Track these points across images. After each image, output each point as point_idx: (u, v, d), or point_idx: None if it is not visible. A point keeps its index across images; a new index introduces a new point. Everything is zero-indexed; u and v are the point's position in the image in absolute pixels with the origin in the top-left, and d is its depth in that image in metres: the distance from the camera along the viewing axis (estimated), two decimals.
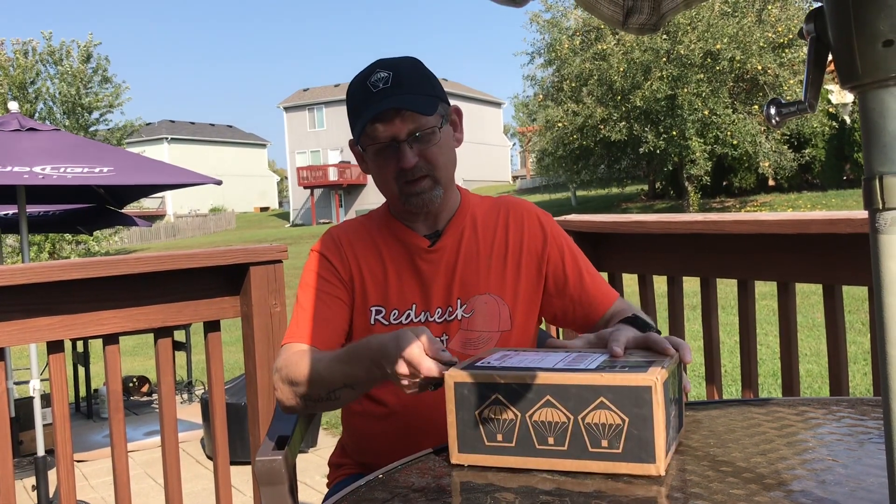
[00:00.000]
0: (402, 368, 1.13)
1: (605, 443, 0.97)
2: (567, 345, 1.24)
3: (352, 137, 1.48)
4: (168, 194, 45.77)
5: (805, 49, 0.79)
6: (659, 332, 1.22)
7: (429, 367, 1.10)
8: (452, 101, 1.46)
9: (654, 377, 0.95)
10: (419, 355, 1.11)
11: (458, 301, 1.47)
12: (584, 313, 1.52)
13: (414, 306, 1.47)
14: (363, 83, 1.42)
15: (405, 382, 1.15)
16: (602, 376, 0.97)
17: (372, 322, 1.47)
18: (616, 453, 0.97)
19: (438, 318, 1.46)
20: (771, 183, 23.77)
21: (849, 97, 19.82)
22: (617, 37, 21.34)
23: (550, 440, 0.99)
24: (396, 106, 1.38)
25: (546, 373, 1.01)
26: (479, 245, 1.50)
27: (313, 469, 4.13)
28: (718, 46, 20.17)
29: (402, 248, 1.50)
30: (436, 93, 1.45)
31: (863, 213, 1.00)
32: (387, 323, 1.46)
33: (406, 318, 1.46)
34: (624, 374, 0.97)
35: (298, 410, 1.40)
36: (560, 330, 2.44)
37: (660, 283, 2.39)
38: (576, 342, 1.25)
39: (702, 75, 20.62)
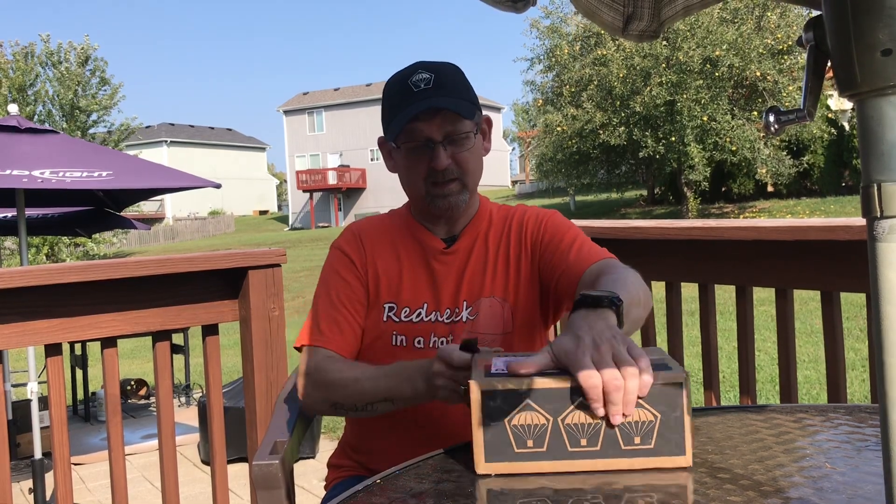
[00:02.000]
0: (438, 366, 1.22)
1: (637, 440, 0.98)
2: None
3: (381, 135, 1.50)
4: (167, 197, 45.82)
5: (804, 56, 0.80)
6: (620, 302, 1.11)
7: (460, 359, 1.18)
8: None
9: (683, 373, 0.98)
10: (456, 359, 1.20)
11: (464, 303, 1.49)
12: (567, 283, 1.41)
13: (425, 305, 1.49)
14: (404, 82, 1.43)
15: (442, 393, 1.23)
16: None
17: (384, 319, 1.49)
18: (648, 449, 0.98)
19: (446, 318, 1.48)
20: (770, 189, 23.80)
21: (848, 104, 19.80)
22: (617, 43, 21.39)
23: (583, 442, 0.99)
24: (439, 106, 1.40)
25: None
26: (489, 250, 1.53)
27: (311, 473, 4.12)
28: (718, 53, 20.22)
29: (419, 247, 1.53)
30: (473, 100, 1.48)
31: (861, 220, 1.00)
32: (398, 320, 1.48)
33: (416, 316, 1.48)
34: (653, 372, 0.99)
35: (323, 413, 1.45)
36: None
37: (658, 289, 2.39)
38: (539, 357, 1.04)
39: (701, 81, 20.67)
